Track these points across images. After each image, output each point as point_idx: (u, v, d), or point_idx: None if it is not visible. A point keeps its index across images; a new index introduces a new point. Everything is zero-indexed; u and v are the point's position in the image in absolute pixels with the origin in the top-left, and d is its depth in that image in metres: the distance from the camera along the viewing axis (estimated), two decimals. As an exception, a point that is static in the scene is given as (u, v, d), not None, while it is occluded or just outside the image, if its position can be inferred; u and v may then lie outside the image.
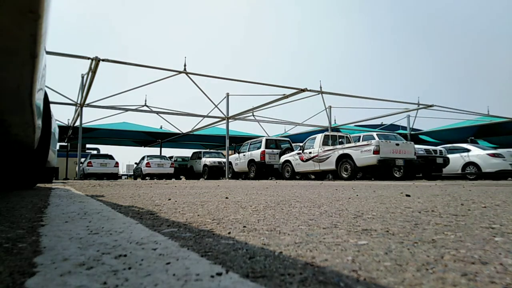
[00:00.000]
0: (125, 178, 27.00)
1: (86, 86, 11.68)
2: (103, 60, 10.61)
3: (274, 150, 13.24)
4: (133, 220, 1.07)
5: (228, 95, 14.50)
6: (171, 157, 21.28)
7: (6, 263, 0.57)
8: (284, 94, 13.04)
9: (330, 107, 15.76)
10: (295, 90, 12.32)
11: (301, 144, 11.78)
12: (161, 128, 20.68)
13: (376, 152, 8.15)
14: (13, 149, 2.58)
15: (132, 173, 22.85)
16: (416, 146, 9.73)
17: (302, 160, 10.44)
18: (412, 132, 16.67)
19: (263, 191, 2.77)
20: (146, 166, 17.57)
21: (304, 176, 11.20)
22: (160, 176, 17.31)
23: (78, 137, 12.70)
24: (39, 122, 2.09)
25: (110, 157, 18.05)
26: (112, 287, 0.45)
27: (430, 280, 0.47)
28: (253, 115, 16.07)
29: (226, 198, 2.01)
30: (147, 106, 14.73)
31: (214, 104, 14.41)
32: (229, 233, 0.85)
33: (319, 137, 10.04)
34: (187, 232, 0.86)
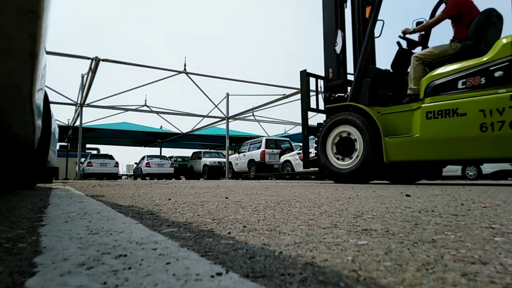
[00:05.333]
0: (125, 178, 27.02)
1: (86, 86, 11.69)
2: (103, 60, 10.62)
3: (274, 150, 13.24)
4: (133, 220, 1.07)
5: (228, 95, 14.51)
6: (171, 157, 21.28)
7: (6, 263, 0.57)
8: (284, 94, 13.04)
9: (330, 107, 15.75)
10: (295, 90, 12.34)
11: (301, 144, 11.78)
12: (161, 128, 20.67)
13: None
14: (13, 149, 2.58)
15: (132, 173, 22.88)
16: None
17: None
18: (412, 132, 16.66)
19: (263, 191, 2.77)
20: (146, 166, 17.58)
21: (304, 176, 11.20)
22: (160, 176, 17.33)
23: (78, 137, 12.70)
24: (39, 122, 2.09)
25: (110, 157, 18.07)
26: (112, 287, 0.45)
27: (430, 280, 0.47)
28: (253, 115, 16.07)
29: (226, 198, 2.01)
30: (147, 106, 14.73)
31: (214, 104, 14.41)
32: (229, 233, 0.85)
33: (319, 137, 10.02)
34: (187, 232, 0.86)
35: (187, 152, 22.98)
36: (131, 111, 14.38)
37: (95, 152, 23.03)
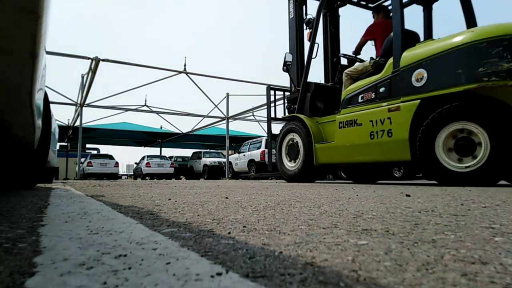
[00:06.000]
0: (125, 178, 27.02)
1: (86, 86, 11.68)
2: (103, 60, 10.62)
3: (274, 150, 13.20)
4: (133, 220, 1.07)
5: (228, 95, 14.49)
6: (171, 157, 21.26)
7: (6, 263, 0.57)
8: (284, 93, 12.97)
9: (330, 106, 15.77)
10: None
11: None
12: (161, 128, 20.66)
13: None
14: (13, 149, 2.58)
15: (132, 173, 22.88)
16: (416, 146, 9.70)
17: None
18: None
19: (263, 191, 2.77)
20: (146, 166, 17.58)
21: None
22: (160, 176, 17.33)
23: (78, 137, 12.69)
24: (39, 122, 2.09)
25: (110, 157, 18.07)
26: (112, 287, 0.45)
27: (430, 280, 0.47)
28: (253, 115, 16.05)
29: (226, 198, 2.01)
30: (147, 106, 14.73)
31: (214, 104, 14.41)
32: (229, 233, 0.85)
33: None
34: (187, 232, 0.86)
35: (187, 152, 23.00)
36: (131, 111, 14.38)
37: (95, 152, 23.02)
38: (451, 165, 3.34)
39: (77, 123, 13.20)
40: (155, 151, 25.05)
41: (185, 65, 12.57)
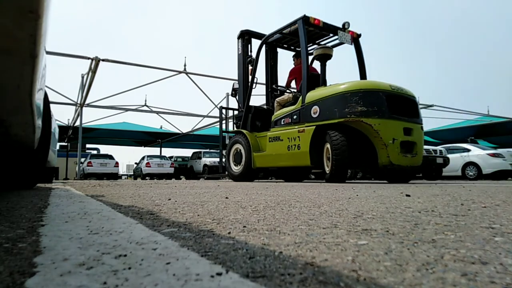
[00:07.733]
0: (125, 178, 26.98)
1: (86, 86, 11.68)
2: (103, 60, 10.61)
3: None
4: (133, 220, 1.07)
5: (228, 95, 14.48)
6: (171, 157, 21.23)
7: (6, 263, 0.57)
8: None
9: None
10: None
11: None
12: (161, 128, 20.63)
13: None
14: (13, 149, 2.58)
15: (132, 173, 22.88)
16: (416, 146, 9.74)
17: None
18: (412, 132, 16.63)
19: (263, 191, 2.77)
20: (146, 166, 17.58)
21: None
22: (160, 176, 17.32)
23: (78, 137, 12.68)
24: (39, 122, 2.09)
25: (110, 157, 18.04)
26: (112, 287, 0.45)
27: (430, 280, 0.47)
28: (253, 115, 16.01)
29: (226, 198, 2.01)
30: (147, 106, 14.72)
31: (214, 104, 14.40)
32: (229, 233, 0.85)
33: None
34: (187, 232, 0.86)
35: (187, 152, 22.98)
36: (131, 111, 14.38)
37: (95, 152, 23.00)
38: (325, 169, 5.23)
39: (77, 123, 13.19)
40: (155, 151, 25.02)
41: (185, 65, 12.58)
